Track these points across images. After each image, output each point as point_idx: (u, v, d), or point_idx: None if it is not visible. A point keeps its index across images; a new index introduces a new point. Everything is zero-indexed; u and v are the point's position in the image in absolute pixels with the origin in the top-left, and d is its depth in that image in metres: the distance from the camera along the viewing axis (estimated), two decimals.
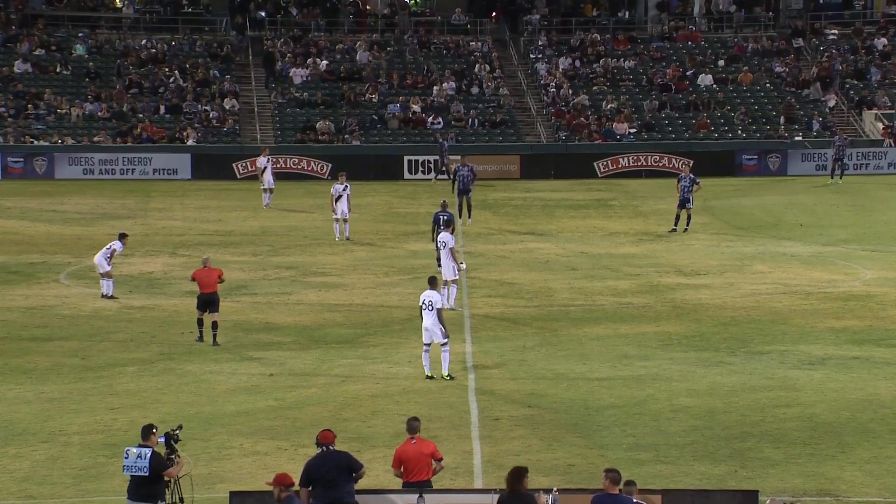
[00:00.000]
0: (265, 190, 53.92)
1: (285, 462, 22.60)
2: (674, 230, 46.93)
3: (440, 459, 19.50)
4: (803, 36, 73.30)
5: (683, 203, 46.86)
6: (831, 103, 68.91)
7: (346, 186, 46.20)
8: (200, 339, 31.35)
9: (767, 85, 70.98)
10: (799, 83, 70.61)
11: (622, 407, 25.87)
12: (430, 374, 27.96)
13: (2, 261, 42.03)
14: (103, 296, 36.16)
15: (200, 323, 31.41)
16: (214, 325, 31.10)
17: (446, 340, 27.86)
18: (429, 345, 27.93)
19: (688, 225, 46.97)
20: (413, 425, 19.59)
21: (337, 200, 45.87)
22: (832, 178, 60.15)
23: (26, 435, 24.40)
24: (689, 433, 24.16)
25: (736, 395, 26.57)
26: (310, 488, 18.03)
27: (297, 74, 70.59)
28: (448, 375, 27.83)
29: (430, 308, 27.79)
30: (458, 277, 34.52)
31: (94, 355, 30.30)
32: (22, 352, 30.72)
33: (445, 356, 27.92)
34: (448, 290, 33.89)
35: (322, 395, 26.90)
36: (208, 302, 31.21)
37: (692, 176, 47.28)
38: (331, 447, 18.18)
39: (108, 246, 36.62)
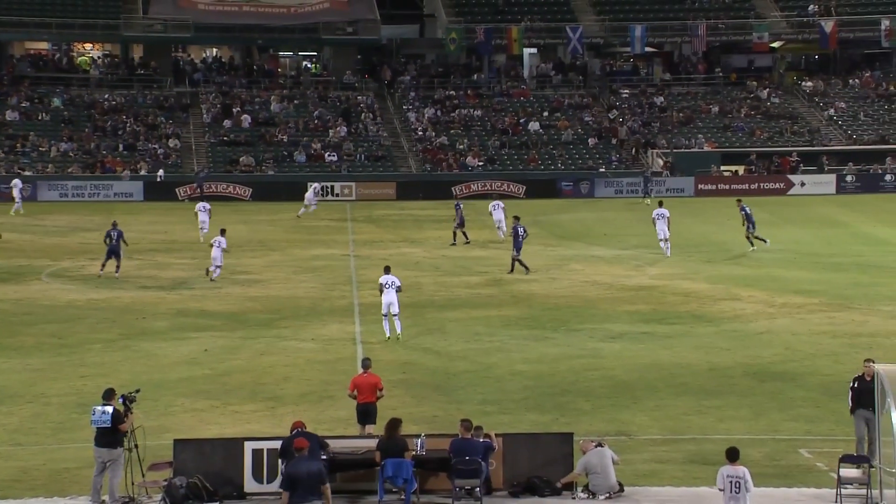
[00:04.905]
0: (307, 206, 54.62)
1: (218, 416, 22.42)
2: (453, 244, 45.40)
3: (381, 389, 19.87)
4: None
5: (460, 225, 45.75)
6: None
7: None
8: None
9: (579, 130, 71.72)
10: (602, 130, 71.56)
11: (474, 372, 25.98)
12: (389, 336, 28.32)
13: None
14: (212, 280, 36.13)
15: None
16: None
17: (398, 311, 28.37)
18: (385, 315, 28.32)
19: (468, 239, 45.68)
20: (365, 363, 20.25)
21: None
22: (643, 197, 61.14)
23: (15, 397, 23.95)
24: (523, 391, 24.33)
25: (558, 362, 26.82)
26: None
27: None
28: (398, 336, 28.29)
29: (390, 286, 28.23)
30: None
31: (69, 336, 29.71)
32: (12, 333, 30.05)
33: (398, 323, 28.44)
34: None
35: (245, 365, 26.64)
36: None
37: (459, 204, 46.69)
38: (304, 450, 15.32)
39: (215, 244, 36.17)
